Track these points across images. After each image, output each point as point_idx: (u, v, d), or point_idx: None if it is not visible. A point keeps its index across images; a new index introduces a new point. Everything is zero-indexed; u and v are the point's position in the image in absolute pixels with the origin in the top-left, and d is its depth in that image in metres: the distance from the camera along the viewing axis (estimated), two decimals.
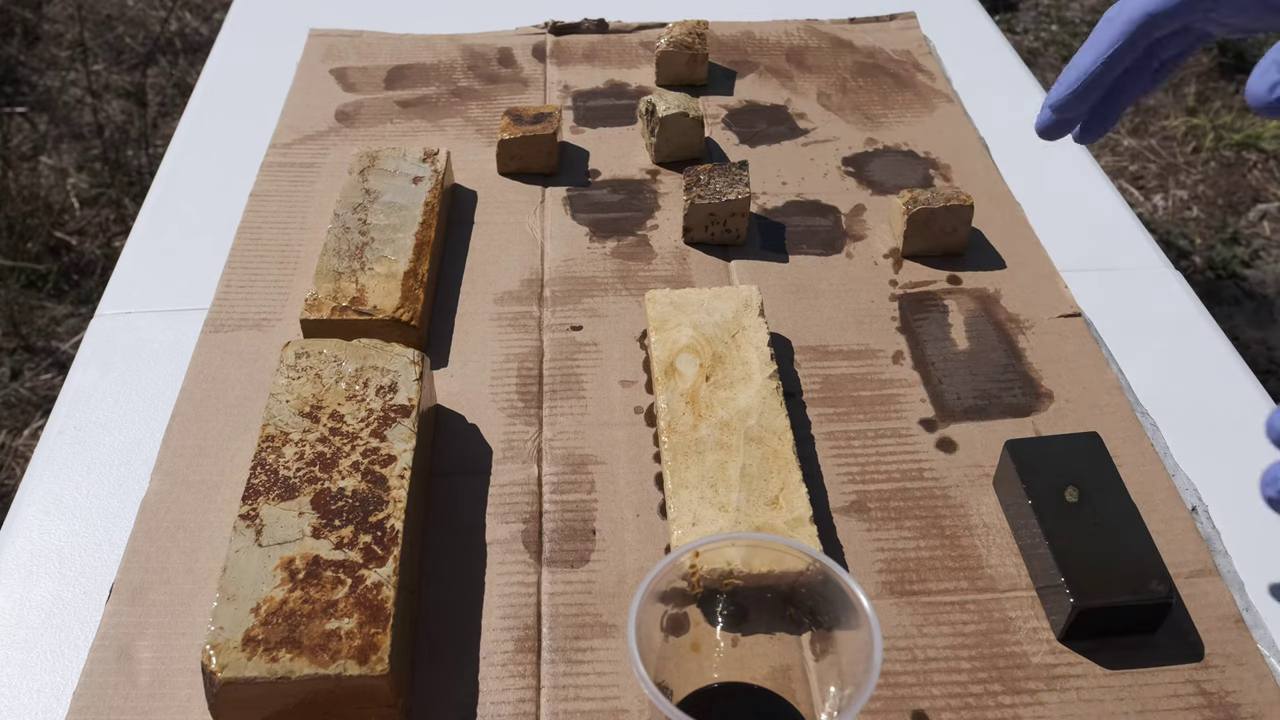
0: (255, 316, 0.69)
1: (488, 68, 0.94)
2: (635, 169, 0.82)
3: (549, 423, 0.62)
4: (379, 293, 0.66)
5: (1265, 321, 1.67)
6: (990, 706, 0.49)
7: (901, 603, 0.53)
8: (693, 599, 0.46)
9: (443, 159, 0.76)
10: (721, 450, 0.57)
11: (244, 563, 0.49)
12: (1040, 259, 0.74)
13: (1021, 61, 0.99)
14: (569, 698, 0.49)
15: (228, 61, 0.98)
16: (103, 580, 0.55)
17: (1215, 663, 0.50)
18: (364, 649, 0.46)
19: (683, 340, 0.63)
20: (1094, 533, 0.52)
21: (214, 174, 0.83)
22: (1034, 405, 0.63)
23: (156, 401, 0.64)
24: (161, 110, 2.06)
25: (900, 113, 0.88)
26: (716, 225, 0.74)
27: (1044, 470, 0.55)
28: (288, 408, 0.56)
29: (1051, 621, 0.52)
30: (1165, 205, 1.90)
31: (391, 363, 0.58)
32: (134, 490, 0.59)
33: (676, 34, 0.91)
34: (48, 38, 2.24)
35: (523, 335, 0.68)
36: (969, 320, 0.69)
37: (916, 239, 0.73)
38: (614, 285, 0.72)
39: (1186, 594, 0.53)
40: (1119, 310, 0.71)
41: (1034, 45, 2.34)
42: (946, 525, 0.57)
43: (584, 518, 0.57)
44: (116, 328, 0.70)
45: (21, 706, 0.50)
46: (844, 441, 0.61)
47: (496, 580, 0.54)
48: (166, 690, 0.49)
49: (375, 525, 0.51)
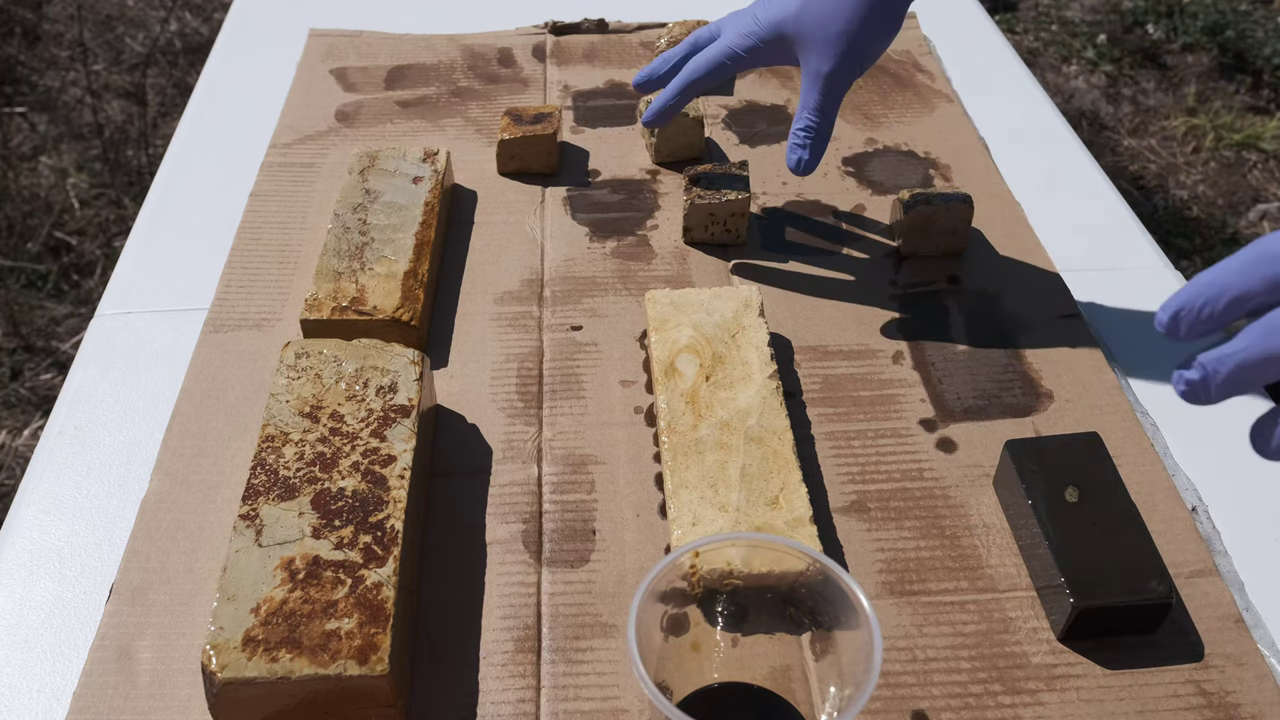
0: (255, 316, 0.69)
1: (488, 68, 0.94)
2: (635, 169, 0.82)
3: (549, 423, 0.62)
4: (379, 293, 0.66)
5: None
6: (990, 706, 0.49)
7: (901, 603, 0.53)
8: (693, 599, 0.46)
9: (443, 159, 0.76)
10: (721, 450, 0.57)
11: (244, 563, 0.49)
12: (1040, 259, 0.74)
13: (1021, 61, 0.99)
14: (569, 698, 0.49)
15: (228, 61, 0.98)
16: (103, 580, 0.55)
17: (1215, 663, 0.50)
18: (364, 649, 0.46)
19: (683, 340, 0.63)
20: (1094, 533, 0.52)
21: (214, 174, 0.83)
22: (1034, 405, 0.63)
23: (156, 401, 0.64)
24: (161, 110, 2.06)
25: (900, 113, 0.88)
26: (716, 225, 0.74)
27: (1044, 470, 0.55)
28: (288, 408, 0.56)
29: (1051, 621, 0.52)
30: (1165, 205, 1.90)
31: (391, 363, 0.58)
32: (134, 490, 0.59)
33: (676, 34, 0.91)
34: (48, 38, 2.24)
35: (523, 335, 0.68)
36: (969, 320, 0.69)
37: (916, 239, 0.73)
38: (614, 285, 0.72)
39: (1186, 594, 0.53)
40: (1119, 310, 0.71)
41: (1034, 45, 2.34)
42: (946, 525, 0.57)
43: (584, 518, 0.57)
44: (116, 328, 0.70)
45: (21, 706, 0.50)
46: (844, 441, 0.61)
47: (496, 580, 0.54)
48: (166, 690, 0.49)
49: (375, 525, 0.51)
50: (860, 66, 0.64)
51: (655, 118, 0.71)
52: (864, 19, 0.62)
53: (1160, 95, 2.18)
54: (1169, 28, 2.35)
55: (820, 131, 0.65)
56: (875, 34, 0.63)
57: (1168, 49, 2.32)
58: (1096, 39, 2.33)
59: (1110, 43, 2.33)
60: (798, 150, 0.65)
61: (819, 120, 0.65)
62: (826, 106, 0.64)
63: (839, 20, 0.62)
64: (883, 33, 0.63)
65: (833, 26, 0.62)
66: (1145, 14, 2.39)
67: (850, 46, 0.63)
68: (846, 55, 0.63)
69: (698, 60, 0.68)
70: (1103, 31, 2.37)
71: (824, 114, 0.65)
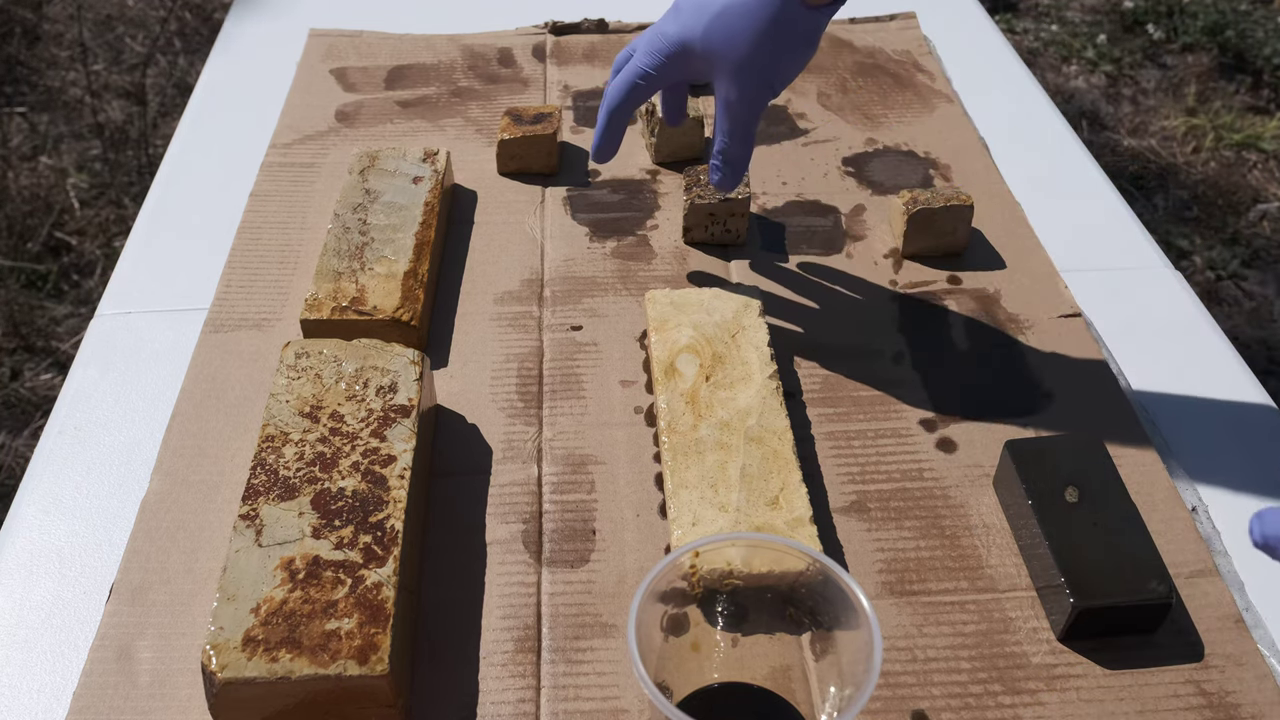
0: (255, 316, 0.69)
1: (488, 68, 0.94)
2: (635, 169, 0.82)
3: (549, 423, 0.62)
4: (379, 293, 0.66)
5: (1265, 321, 1.67)
6: (990, 706, 0.49)
7: (901, 603, 0.53)
8: (693, 599, 0.46)
9: (443, 159, 0.76)
10: (721, 450, 0.57)
11: (244, 563, 0.49)
12: (1040, 259, 0.74)
13: (1021, 61, 0.99)
14: (569, 698, 0.49)
15: (228, 61, 0.98)
16: (103, 580, 0.55)
17: (1215, 663, 0.50)
18: (364, 649, 0.46)
19: (683, 340, 0.63)
20: (1094, 533, 0.52)
21: (214, 174, 0.83)
22: (1034, 405, 0.63)
23: (156, 401, 0.64)
24: (161, 110, 2.06)
25: (900, 113, 0.88)
26: (716, 225, 0.74)
27: (1044, 470, 0.55)
28: (288, 408, 0.56)
29: (1051, 621, 0.52)
30: (1165, 205, 1.90)
31: (391, 363, 0.58)
32: (134, 490, 0.59)
33: None
34: (48, 38, 2.24)
35: (523, 335, 0.68)
36: (969, 320, 0.69)
37: (916, 239, 0.73)
38: (614, 285, 0.72)
39: (1186, 594, 0.53)
40: (1119, 310, 0.71)
41: (1034, 45, 2.34)
42: (946, 525, 0.57)
43: (584, 518, 0.57)
44: (116, 328, 0.70)
45: (21, 706, 0.50)
46: (844, 441, 0.61)
47: (496, 580, 0.54)
48: (166, 690, 0.49)
49: (375, 525, 0.51)
50: (771, 91, 0.61)
51: (596, 153, 0.66)
52: (771, 48, 0.58)
53: (1160, 95, 2.18)
54: (1169, 28, 2.35)
55: (735, 152, 0.62)
56: (784, 60, 0.59)
57: (1168, 49, 2.32)
58: (1096, 39, 2.33)
59: (1110, 43, 2.33)
60: (716, 172, 0.63)
61: (731, 143, 0.62)
62: (739, 130, 0.61)
63: (743, 45, 0.58)
64: (793, 58, 0.60)
65: (736, 53, 0.58)
66: (1145, 14, 2.39)
67: (757, 75, 0.59)
68: (753, 83, 0.59)
69: (613, 87, 0.64)
70: (1103, 31, 2.37)
71: (736, 137, 0.61)
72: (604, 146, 0.66)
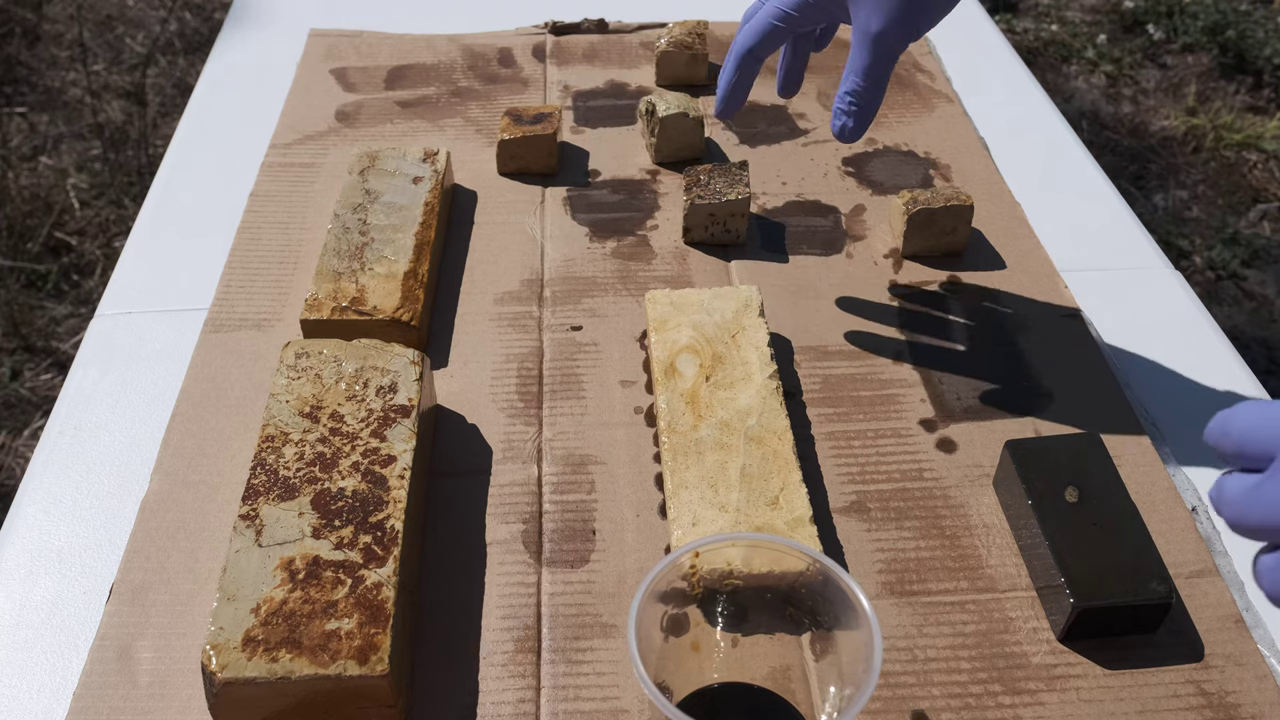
0: (255, 316, 0.69)
1: (488, 68, 0.94)
2: (635, 169, 0.82)
3: (549, 423, 0.62)
4: (379, 293, 0.66)
5: (1265, 321, 1.67)
6: (990, 706, 0.49)
7: (901, 603, 0.53)
8: (693, 599, 0.46)
9: (443, 159, 0.76)
10: (721, 450, 0.57)
11: (244, 563, 0.49)
12: (1040, 259, 0.74)
13: (1021, 61, 0.99)
14: (569, 698, 0.49)
15: (228, 61, 0.98)
16: (103, 580, 0.55)
17: (1215, 663, 0.50)
18: (364, 649, 0.46)
19: (683, 340, 0.63)
20: (1094, 533, 0.52)
21: (214, 174, 0.83)
22: (1034, 405, 0.63)
23: (156, 401, 0.64)
24: (161, 110, 2.06)
25: (900, 113, 0.88)
26: (716, 225, 0.74)
27: (1044, 470, 0.55)
28: (288, 408, 0.56)
29: (1051, 621, 0.52)
30: (1165, 205, 1.90)
31: (391, 363, 0.58)
32: (134, 490, 0.59)
33: (676, 34, 0.91)
34: (48, 38, 2.24)
35: (523, 335, 0.68)
36: (969, 320, 0.69)
37: (916, 239, 0.73)
38: (614, 285, 0.72)
39: (1186, 594, 0.53)
40: (1119, 310, 0.71)
41: (1034, 45, 2.34)
42: (946, 525, 0.57)
43: (584, 518, 0.57)
44: (116, 328, 0.70)
45: (21, 706, 0.50)
46: (844, 441, 0.61)
47: (496, 580, 0.54)
48: (166, 690, 0.49)
49: (375, 525, 0.51)
50: (917, 28, 0.56)
51: (723, 104, 0.63)
52: None
53: (1160, 95, 2.18)
54: (1169, 28, 2.35)
55: (867, 97, 0.58)
56: None
57: (1168, 49, 2.32)
58: (1096, 39, 2.33)
59: (1110, 43, 2.33)
60: (842, 117, 0.59)
61: (865, 84, 0.57)
62: (875, 70, 0.57)
63: None
64: None
65: None
66: (1145, 14, 2.39)
67: (905, 8, 0.55)
68: (901, 12, 0.55)
69: (746, 31, 0.60)
70: (1103, 31, 2.37)
71: (870, 78, 0.57)
72: (731, 96, 0.62)
